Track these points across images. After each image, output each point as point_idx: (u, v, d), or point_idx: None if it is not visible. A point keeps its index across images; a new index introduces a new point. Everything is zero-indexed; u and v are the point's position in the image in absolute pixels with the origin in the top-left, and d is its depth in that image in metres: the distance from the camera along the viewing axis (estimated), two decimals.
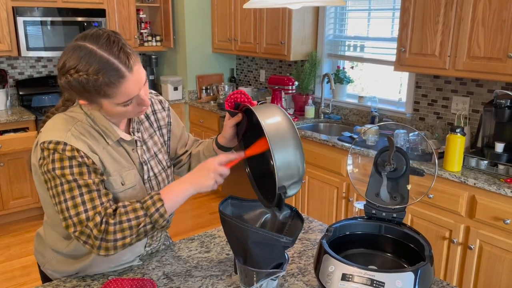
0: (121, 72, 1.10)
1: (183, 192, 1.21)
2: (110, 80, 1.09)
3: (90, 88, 1.10)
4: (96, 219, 1.13)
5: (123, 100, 1.14)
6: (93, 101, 1.16)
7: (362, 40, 3.58)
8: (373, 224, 1.30)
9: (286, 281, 1.30)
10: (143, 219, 1.15)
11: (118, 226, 1.13)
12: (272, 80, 3.77)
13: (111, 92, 1.12)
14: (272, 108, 1.17)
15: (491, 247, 2.27)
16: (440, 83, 3.00)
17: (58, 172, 1.14)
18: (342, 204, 3.05)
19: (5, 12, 3.70)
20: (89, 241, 1.14)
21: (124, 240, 1.15)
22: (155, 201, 1.16)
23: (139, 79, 1.15)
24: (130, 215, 1.15)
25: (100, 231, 1.12)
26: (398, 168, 1.27)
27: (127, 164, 1.29)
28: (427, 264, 1.10)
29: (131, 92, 1.14)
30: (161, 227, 1.18)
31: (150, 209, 1.16)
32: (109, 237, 1.13)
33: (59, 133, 1.17)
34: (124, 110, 1.18)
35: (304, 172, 1.15)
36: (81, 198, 1.14)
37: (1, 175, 3.69)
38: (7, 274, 3.12)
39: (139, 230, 1.15)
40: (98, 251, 1.14)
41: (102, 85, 1.10)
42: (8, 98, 4.06)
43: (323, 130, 3.66)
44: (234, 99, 1.31)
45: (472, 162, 2.43)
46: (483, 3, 2.36)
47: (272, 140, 1.08)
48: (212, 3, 4.50)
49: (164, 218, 1.17)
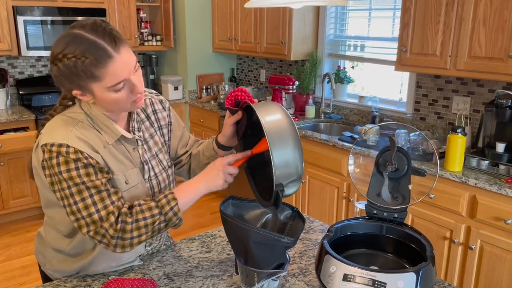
0: (108, 52, 1.10)
1: (195, 191, 1.26)
2: (97, 60, 1.09)
3: (78, 72, 1.10)
4: (110, 219, 1.16)
5: (112, 82, 1.13)
6: (84, 89, 1.15)
7: (363, 40, 3.58)
8: (375, 224, 1.30)
9: (287, 281, 1.30)
10: (158, 218, 1.19)
11: (135, 225, 1.17)
12: (272, 79, 3.76)
13: (99, 73, 1.11)
14: (272, 105, 1.17)
15: (492, 247, 2.26)
16: (441, 83, 2.99)
17: (65, 175, 1.14)
18: (342, 204, 3.04)
19: (5, 12, 3.70)
20: (104, 240, 1.17)
21: (140, 237, 1.19)
22: (170, 200, 1.20)
23: (127, 62, 1.14)
24: (146, 214, 1.18)
25: (117, 231, 1.16)
26: (399, 168, 1.26)
27: (128, 163, 1.29)
28: (429, 265, 1.10)
29: (120, 74, 1.13)
30: (174, 225, 1.22)
31: (164, 208, 1.19)
32: (126, 235, 1.17)
33: (61, 135, 1.17)
34: (117, 97, 1.16)
35: (303, 171, 1.15)
36: (91, 199, 1.16)
37: (1, 174, 3.68)
38: (7, 273, 3.11)
39: (154, 228, 1.19)
40: (115, 249, 1.18)
41: (89, 65, 1.09)
42: (8, 98, 4.06)
43: (323, 130, 3.66)
44: (234, 96, 1.30)
45: (473, 162, 2.42)
46: (484, 3, 2.35)
47: (271, 138, 1.08)
48: (213, 2, 4.50)
49: (178, 217, 1.21)
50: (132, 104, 1.22)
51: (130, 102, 1.20)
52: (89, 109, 1.24)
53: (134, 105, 1.23)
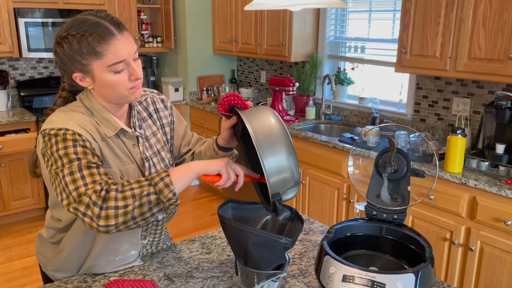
0: (111, 31, 1.16)
1: (190, 167, 1.17)
2: (100, 36, 1.14)
3: (81, 49, 1.14)
4: (96, 187, 1.09)
5: (113, 60, 1.15)
6: (85, 70, 1.18)
7: (363, 41, 3.58)
8: (374, 226, 1.30)
9: (287, 282, 1.30)
10: (146, 188, 1.09)
11: (120, 194, 1.08)
12: (272, 81, 3.77)
13: (102, 49, 1.14)
14: (261, 111, 1.15)
15: (492, 249, 2.27)
16: (441, 84, 3.00)
17: (61, 152, 1.13)
18: (342, 205, 3.05)
19: (6, 13, 3.71)
20: (88, 212, 1.07)
21: (125, 208, 1.07)
22: (160, 172, 1.12)
23: (129, 44, 1.19)
24: (133, 185, 1.10)
25: (100, 197, 1.07)
26: (399, 170, 1.27)
27: (126, 159, 1.29)
28: (428, 266, 1.10)
29: (121, 53, 1.16)
30: (167, 200, 1.10)
31: (154, 179, 1.11)
32: (110, 203, 1.07)
33: (61, 122, 1.19)
34: (116, 79, 1.18)
35: (299, 176, 1.13)
36: (80, 173, 1.10)
37: (2, 176, 3.69)
38: (8, 275, 3.12)
39: (141, 199, 1.08)
40: (98, 220, 1.06)
41: (93, 41, 1.14)
42: (9, 99, 4.07)
43: (323, 131, 3.66)
44: (227, 101, 1.31)
45: (472, 164, 2.43)
46: (483, 5, 2.36)
47: (260, 146, 1.06)
48: (213, 4, 4.51)
49: (170, 189, 1.09)
50: (130, 92, 1.22)
51: (128, 89, 1.21)
52: (90, 103, 1.25)
53: (132, 94, 1.23)
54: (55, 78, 4.32)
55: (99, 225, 1.06)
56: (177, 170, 1.16)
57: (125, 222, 1.08)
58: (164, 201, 1.10)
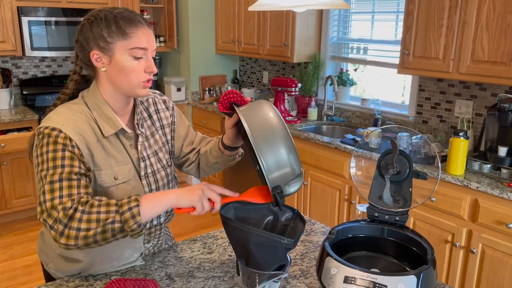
0: (140, 20, 1.23)
1: (164, 198, 1.15)
2: (131, 20, 1.21)
3: (111, 24, 1.20)
4: (67, 204, 1.09)
5: (137, 44, 1.20)
6: (106, 48, 1.20)
7: (366, 43, 3.58)
8: (376, 227, 1.30)
9: (288, 283, 1.30)
10: (112, 215, 1.09)
11: (86, 216, 1.08)
12: (275, 81, 3.77)
13: (130, 31, 1.20)
14: (259, 106, 1.15)
15: (493, 251, 2.26)
16: (444, 86, 2.99)
17: (50, 155, 1.15)
18: (344, 207, 3.04)
19: (9, 12, 3.72)
20: (54, 226, 1.08)
21: (87, 232, 1.08)
22: (131, 200, 1.11)
23: (152, 39, 1.25)
24: (101, 208, 1.10)
25: (66, 216, 1.08)
26: (401, 171, 1.27)
27: (122, 159, 1.30)
28: (430, 268, 1.10)
29: (145, 41, 1.22)
30: (131, 230, 1.10)
31: (123, 207, 1.10)
32: (73, 224, 1.07)
33: (57, 121, 1.19)
34: (133, 65, 1.21)
35: (301, 168, 1.12)
36: (59, 183, 1.11)
37: (4, 174, 3.70)
38: (9, 273, 3.13)
39: (105, 226, 1.08)
40: (60, 238, 1.08)
41: (124, 23, 1.20)
42: (12, 98, 4.08)
43: (325, 132, 3.66)
44: (227, 99, 1.30)
45: (475, 166, 2.42)
46: (487, 7, 2.36)
47: (257, 141, 1.06)
48: (216, 4, 4.51)
49: (136, 221, 1.09)
50: (140, 85, 1.24)
51: (140, 80, 1.23)
52: (94, 99, 1.26)
53: (140, 89, 1.25)
54: (57, 77, 4.33)
55: (60, 242, 1.09)
56: (150, 198, 1.14)
57: (86, 244, 1.10)
58: (128, 231, 1.11)
